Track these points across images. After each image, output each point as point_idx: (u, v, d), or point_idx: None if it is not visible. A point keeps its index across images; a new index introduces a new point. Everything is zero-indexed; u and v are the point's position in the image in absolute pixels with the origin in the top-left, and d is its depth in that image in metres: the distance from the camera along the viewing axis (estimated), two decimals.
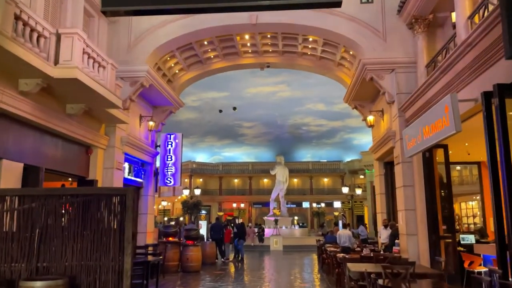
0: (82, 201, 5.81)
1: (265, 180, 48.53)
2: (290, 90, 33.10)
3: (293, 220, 34.33)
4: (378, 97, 12.74)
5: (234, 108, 35.16)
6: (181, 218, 36.46)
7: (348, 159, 46.72)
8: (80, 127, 9.65)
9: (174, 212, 44.55)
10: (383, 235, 12.53)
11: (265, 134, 44.71)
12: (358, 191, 23.53)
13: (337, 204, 46.93)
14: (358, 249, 13.15)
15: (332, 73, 14.53)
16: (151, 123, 13.15)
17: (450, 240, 9.55)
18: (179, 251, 14.28)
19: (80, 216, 5.78)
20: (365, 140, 43.46)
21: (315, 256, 21.02)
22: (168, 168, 14.58)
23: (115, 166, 11.15)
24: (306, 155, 49.35)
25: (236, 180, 49.69)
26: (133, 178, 12.85)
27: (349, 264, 7.85)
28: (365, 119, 13.93)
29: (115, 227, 5.75)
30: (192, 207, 21.56)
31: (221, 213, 45.58)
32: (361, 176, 38.70)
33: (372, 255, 10.36)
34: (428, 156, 9.99)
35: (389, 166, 13.23)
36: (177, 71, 14.27)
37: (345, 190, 23.04)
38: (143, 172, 13.55)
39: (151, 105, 14.04)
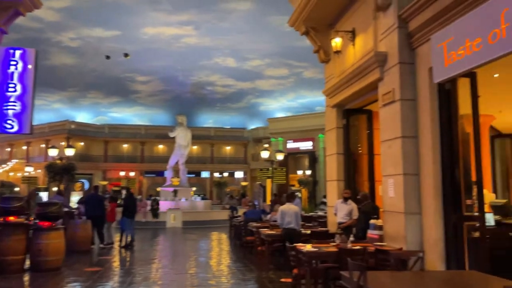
0: None
1: (160, 147, 43.04)
2: (198, 36, 27.55)
3: (192, 191, 30.23)
4: (347, 12, 8.74)
5: (126, 55, 28.58)
6: (60, 187, 29.41)
7: (253, 127, 43.36)
8: None
9: (44, 181, 36.80)
10: (342, 211, 8.76)
11: (162, 93, 38.51)
12: (280, 156, 19.95)
13: (238, 174, 43.75)
14: (305, 232, 9.31)
15: None
16: None
17: (477, 223, 6.01)
18: (25, 238, 8.93)
19: None
20: (274, 106, 40.26)
21: (223, 236, 17.00)
22: (9, 104, 8.86)
23: None
24: (208, 120, 44.54)
25: (125, 146, 43.22)
26: None
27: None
28: (318, 50, 9.96)
29: None
30: (61, 172, 15.65)
31: (104, 182, 39.00)
32: (266, 145, 35.74)
33: (352, 246, 6.49)
34: (449, 89, 6.25)
35: (351, 115, 9.45)
36: None
37: (265, 155, 19.26)
38: None
39: None
